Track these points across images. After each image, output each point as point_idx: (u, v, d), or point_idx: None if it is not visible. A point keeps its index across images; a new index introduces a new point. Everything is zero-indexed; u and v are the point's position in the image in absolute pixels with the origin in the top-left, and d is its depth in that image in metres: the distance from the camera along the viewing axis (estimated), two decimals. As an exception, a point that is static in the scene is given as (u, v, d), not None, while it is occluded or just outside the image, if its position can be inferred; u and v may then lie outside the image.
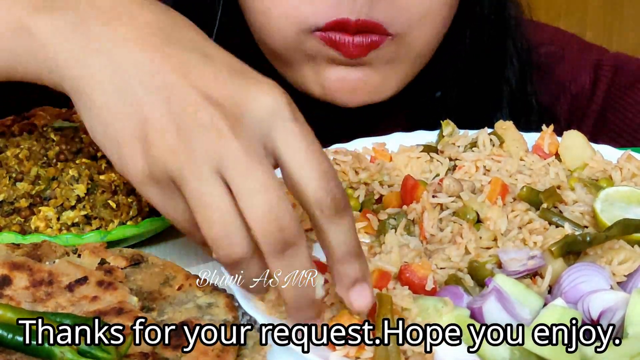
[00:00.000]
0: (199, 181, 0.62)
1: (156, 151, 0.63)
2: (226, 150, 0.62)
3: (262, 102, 0.64)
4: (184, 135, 0.63)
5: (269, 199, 0.61)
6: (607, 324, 0.69)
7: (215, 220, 0.62)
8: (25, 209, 0.83)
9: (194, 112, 0.63)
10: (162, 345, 0.66)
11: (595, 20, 2.52)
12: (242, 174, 0.61)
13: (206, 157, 0.62)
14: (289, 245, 0.62)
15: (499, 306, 0.69)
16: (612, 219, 0.79)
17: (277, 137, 0.63)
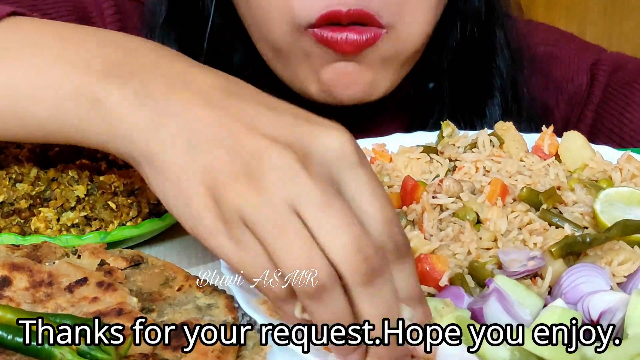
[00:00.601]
0: (274, 217, 0.61)
1: (227, 195, 0.62)
2: (301, 189, 0.61)
3: (330, 144, 0.63)
4: (255, 177, 0.62)
5: (352, 232, 0.60)
6: (607, 324, 0.69)
7: (297, 246, 0.60)
8: (25, 210, 0.83)
9: (263, 155, 0.62)
10: (162, 346, 0.66)
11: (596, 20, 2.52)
12: (321, 210, 0.60)
13: (281, 196, 0.61)
14: (375, 274, 0.60)
15: (499, 307, 0.69)
16: (612, 220, 0.79)
17: (344, 180, 0.63)
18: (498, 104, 1.16)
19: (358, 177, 0.63)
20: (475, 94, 1.17)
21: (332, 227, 0.60)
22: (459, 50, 1.16)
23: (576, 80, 1.25)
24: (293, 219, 0.61)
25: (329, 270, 0.60)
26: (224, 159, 0.64)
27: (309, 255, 0.60)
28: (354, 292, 0.61)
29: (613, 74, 1.24)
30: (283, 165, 0.62)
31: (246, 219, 0.62)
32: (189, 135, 0.66)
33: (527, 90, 1.19)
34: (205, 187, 0.64)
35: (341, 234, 0.60)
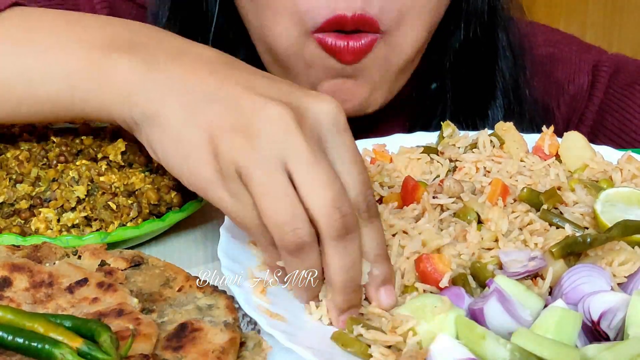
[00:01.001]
0: (265, 173, 0.67)
1: (224, 149, 0.68)
2: (292, 145, 0.67)
3: (323, 108, 0.70)
4: (251, 132, 0.68)
5: (333, 190, 0.67)
6: (607, 325, 0.69)
7: (282, 207, 0.66)
8: (26, 210, 0.83)
9: (260, 110, 0.68)
10: (162, 346, 0.66)
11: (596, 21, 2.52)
12: (308, 167, 0.67)
13: (273, 150, 0.67)
14: (348, 231, 0.67)
15: (500, 307, 0.69)
16: (613, 220, 0.79)
17: (331, 142, 0.70)
18: (500, 105, 1.16)
19: (344, 141, 0.70)
20: (477, 95, 1.17)
21: (316, 184, 0.67)
22: (462, 52, 1.16)
23: (577, 82, 1.25)
24: (282, 177, 0.67)
25: (309, 229, 0.67)
26: (222, 115, 0.69)
27: (293, 213, 0.66)
28: (326, 245, 0.68)
29: (614, 76, 1.25)
30: (279, 121, 0.68)
31: (240, 172, 0.68)
32: (191, 96, 0.71)
33: (529, 92, 1.20)
34: (204, 141, 0.69)
35: (323, 191, 0.66)
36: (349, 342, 0.69)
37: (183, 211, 0.86)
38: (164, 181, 0.86)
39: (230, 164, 0.68)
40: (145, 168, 0.88)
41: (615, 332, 0.69)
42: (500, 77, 1.17)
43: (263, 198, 0.67)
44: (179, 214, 0.86)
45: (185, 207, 0.86)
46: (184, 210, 0.86)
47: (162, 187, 0.86)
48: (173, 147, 0.72)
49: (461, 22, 1.14)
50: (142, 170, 0.87)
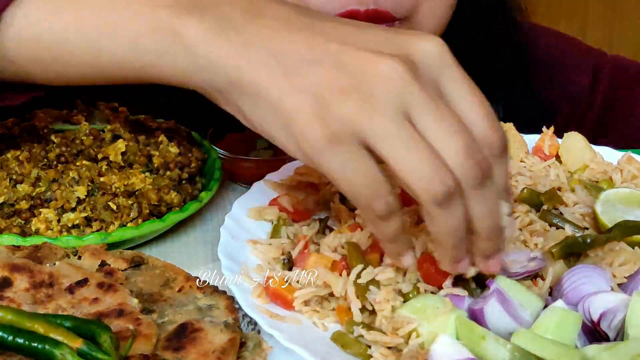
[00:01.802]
0: (395, 129, 0.63)
1: (337, 112, 0.63)
2: (413, 97, 0.63)
3: (429, 48, 0.66)
4: (365, 89, 0.64)
5: (464, 137, 0.64)
6: (607, 325, 0.69)
7: (424, 159, 0.63)
8: (26, 210, 0.83)
9: (370, 68, 0.64)
10: (163, 347, 0.66)
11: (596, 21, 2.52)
12: (435, 118, 0.63)
13: (395, 107, 0.63)
14: (486, 177, 0.64)
15: (500, 307, 0.69)
16: (613, 221, 0.79)
17: (445, 82, 0.66)
18: (502, 106, 1.16)
19: (457, 76, 0.67)
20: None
21: (446, 135, 0.63)
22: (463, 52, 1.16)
23: (578, 83, 1.25)
24: (413, 130, 0.63)
25: (453, 176, 0.63)
26: (329, 77, 0.64)
27: (436, 163, 0.63)
28: (469, 194, 0.64)
29: (615, 78, 1.25)
30: (394, 76, 0.64)
31: (361, 134, 0.63)
32: (283, 59, 0.66)
33: (529, 93, 1.19)
34: (309, 105, 0.64)
35: (454, 140, 0.63)
36: (349, 343, 0.69)
37: (183, 211, 0.86)
38: (164, 182, 0.86)
39: (346, 127, 0.63)
40: (145, 168, 0.88)
41: (615, 332, 0.69)
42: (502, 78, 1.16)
43: (398, 151, 0.63)
44: (179, 215, 0.86)
45: (186, 208, 0.86)
46: (184, 211, 0.86)
47: (162, 188, 0.86)
48: (272, 115, 0.66)
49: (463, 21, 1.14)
50: (143, 170, 0.87)
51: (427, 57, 0.66)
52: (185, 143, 0.93)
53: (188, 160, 0.90)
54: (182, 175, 0.89)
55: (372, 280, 0.72)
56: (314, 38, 0.67)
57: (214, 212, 0.93)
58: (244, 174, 0.97)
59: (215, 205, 0.94)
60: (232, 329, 0.68)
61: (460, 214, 0.65)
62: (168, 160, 0.88)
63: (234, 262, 0.77)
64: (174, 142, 0.91)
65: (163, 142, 0.90)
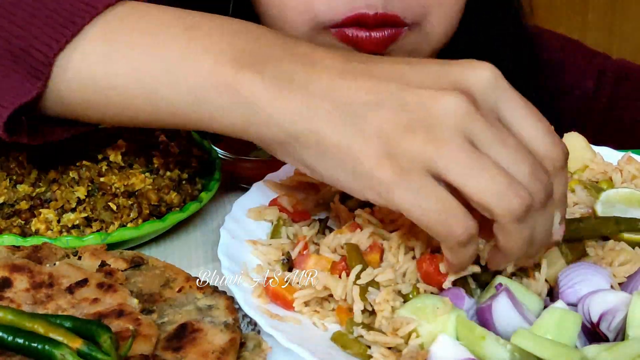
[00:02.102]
0: (464, 155, 0.64)
1: (406, 147, 0.65)
2: (477, 128, 0.65)
3: (483, 76, 0.68)
4: (430, 124, 0.65)
5: (530, 160, 0.66)
6: (607, 326, 0.69)
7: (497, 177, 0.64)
8: (26, 211, 0.83)
9: (431, 104, 0.65)
10: (162, 347, 0.66)
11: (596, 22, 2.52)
12: (498, 145, 0.65)
13: (461, 137, 0.64)
14: (549, 197, 0.67)
15: (509, 304, 0.69)
16: (613, 221, 0.79)
17: (503, 106, 0.68)
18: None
19: (513, 97, 0.69)
20: None
21: (512, 160, 0.65)
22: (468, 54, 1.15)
23: (582, 87, 1.25)
24: (479, 153, 0.65)
25: (527, 192, 0.65)
26: (392, 117, 0.66)
27: (509, 179, 0.64)
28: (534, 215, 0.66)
29: (618, 81, 1.25)
30: (458, 111, 0.65)
31: (431, 164, 0.65)
32: (346, 107, 0.67)
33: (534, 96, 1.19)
34: (376, 146, 0.66)
35: (521, 164, 0.65)
36: (349, 343, 0.69)
37: (183, 212, 0.86)
38: (164, 182, 0.86)
39: (414, 160, 0.64)
40: (145, 169, 0.88)
41: (615, 333, 0.69)
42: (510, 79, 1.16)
43: (472, 177, 0.64)
44: (179, 215, 0.86)
45: (186, 208, 0.86)
46: (184, 211, 0.86)
47: (162, 188, 0.86)
48: (338, 162, 0.67)
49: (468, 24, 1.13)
50: (143, 171, 0.87)
51: (484, 86, 0.67)
52: (185, 143, 0.93)
53: (188, 161, 0.90)
54: (182, 176, 0.89)
55: (372, 281, 0.72)
56: (372, 81, 0.68)
57: (214, 213, 0.93)
58: (244, 174, 0.97)
59: (215, 205, 0.94)
60: (232, 329, 0.68)
61: (532, 227, 0.67)
62: (168, 161, 0.88)
63: (234, 263, 0.77)
64: (174, 142, 0.91)
65: (163, 142, 0.90)
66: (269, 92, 0.69)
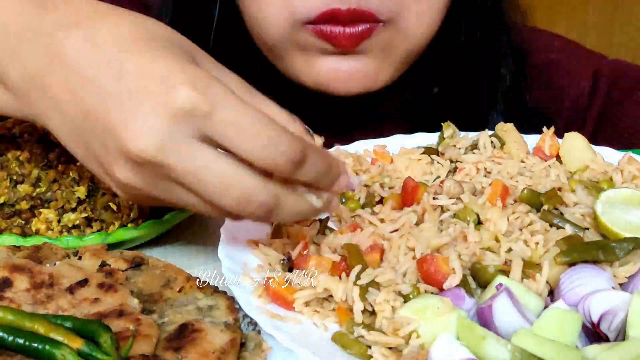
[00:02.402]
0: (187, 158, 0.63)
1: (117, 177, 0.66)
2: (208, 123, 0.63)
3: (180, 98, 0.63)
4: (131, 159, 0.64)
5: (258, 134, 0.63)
6: (607, 327, 0.69)
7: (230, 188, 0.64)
8: (26, 211, 0.83)
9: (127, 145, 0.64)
10: (163, 347, 0.66)
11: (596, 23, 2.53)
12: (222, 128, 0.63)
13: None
14: (302, 161, 0.65)
15: (510, 304, 0.69)
16: (613, 221, 0.79)
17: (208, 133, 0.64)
18: (500, 111, 1.16)
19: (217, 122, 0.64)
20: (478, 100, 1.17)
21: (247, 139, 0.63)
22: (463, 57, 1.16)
23: (578, 88, 1.25)
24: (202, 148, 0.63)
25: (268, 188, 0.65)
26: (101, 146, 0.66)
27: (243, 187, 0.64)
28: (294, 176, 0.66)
29: (615, 81, 1.25)
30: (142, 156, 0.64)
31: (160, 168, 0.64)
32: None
33: (529, 97, 1.20)
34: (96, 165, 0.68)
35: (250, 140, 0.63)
36: (349, 343, 0.69)
37: (183, 212, 0.86)
38: (164, 182, 0.86)
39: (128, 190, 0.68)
40: (145, 169, 0.88)
41: (616, 333, 0.69)
42: (501, 82, 1.17)
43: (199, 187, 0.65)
44: (179, 215, 0.86)
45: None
46: (185, 211, 0.86)
47: (162, 188, 0.86)
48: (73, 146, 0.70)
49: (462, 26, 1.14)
50: (143, 171, 0.87)
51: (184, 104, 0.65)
52: (186, 143, 0.93)
53: (188, 161, 0.90)
54: (183, 176, 0.89)
55: (372, 282, 0.72)
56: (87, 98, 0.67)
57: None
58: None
59: (215, 205, 0.94)
60: (233, 329, 0.68)
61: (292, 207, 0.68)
62: (168, 161, 0.88)
63: (235, 263, 0.77)
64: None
65: (163, 142, 0.90)
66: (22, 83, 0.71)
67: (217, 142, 0.64)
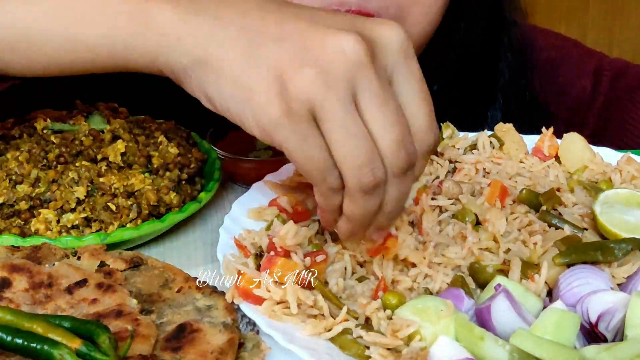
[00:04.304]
0: (344, 113, 0.66)
1: (296, 86, 0.66)
2: (365, 81, 0.66)
3: (391, 35, 0.68)
4: (323, 64, 0.66)
5: (401, 129, 0.67)
6: (605, 327, 0.69)
7: (362, 148, 0.66)
8: (25, 211, 0.83)
9: (330, 41, 0.66)
10: (161, 347, 0.66)
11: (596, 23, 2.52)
12: (378, 103, 0.66)
13: (347, 86, 0.66)
14: (410, 168, 0.68)
15: (507, 304, 0.69)
16: (612, 221, 0.79)
17: (400, 70, 0.68)
18: (500, 107, 1.16)
19: (412, 70, 0.69)
20: (477, 96, 1.17)
21: (385, 123, 0.66)
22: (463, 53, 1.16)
23: (579, 86, 1.25)
24: (357, 116, 0.66)
25: (383, 167, 0.67)
26: (291, 51, 0.67)
27: (372, 154, 0.66)
28: (389, 180, 0.68)
29: (615, 80, 1.25)
30: (350, 53, 0.66)
31: (315, 111, 0.66)
32: (250, 36, 0.68)
33: (529, 94, 1.20)
34: (269, 80, 0.66)
35: (392, 129, 0.66)
36: (347, 344, 0.69)
37: (182, 212, 0.86)
38: (163, 182, 0.86)
39: (302, 102, 0.65)
40: (144, 169, 0.88)
41: (614, 333, 0.69)
42: (501, 79, 1.17)
43: (344, 140, 0.66)
44: (178, 215, 0.86)
45: (185, 208, 0.86)
46: (183, 211, 0.86)
47: (161, 188, 0.86)
48: (233, 90, 0.68)
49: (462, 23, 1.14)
50: (142, 171, 0.87)
51: (388, 43, 0.68)
52: (185, 143, 0.93)
53: (187, 161, 0.90)
54: (182, 176, 0.89)
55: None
56: (284, 17, 0.69)
57: (214, 213, 0.93)
58: (244, 174, 0.97)
59: (214, 205, 0.94)
60: (231, 329, 0.68)
61: (380, 200, 0.69)
62: (167, 161, 0.88)
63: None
64: (174, 143, 0.91)
65: (163, 142, 0.91)
66: (179, 18, 0.70)
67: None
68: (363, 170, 0.66)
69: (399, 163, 0.67)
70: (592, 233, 0.80)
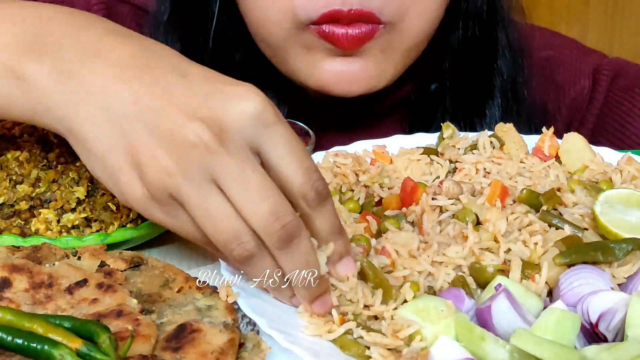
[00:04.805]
0: (199, 195, 0.66)
1: (152, 174, 0.67)
2: (217, 164, 0.66)
3: (244, 108, 0.67)
4: (174, 154, 0.66)
5: (268, 202, 0.66)
6: (605, 327, 0.69)
7: (223, 226, 0.66)
8: (26, 211, 0.83)
9: (179, 132, 0.67)
10: (162, 347, 0.66)
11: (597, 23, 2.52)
12: (238, 184, 0.66)
13: (200, 172, 0.66)
14: (292, 237, 0.67)
15: (508, 305, 0.69)
16: (612, 222, 0.79)
17: (262, 140, 0.68)
18: (498, 105, 1.16)
19: (274, 134, 0.68)
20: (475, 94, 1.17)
21: (251, 200, 0.66)
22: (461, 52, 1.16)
23: (578, 85, 1.25)
24: (216, 196, 0.67)
25: (254, 240, 0.67)
26: (143, 137, 0.67)
27: (235, 230, 0.66)
28: (274, 254, 0.68)
29: (614, 80, 1.25)
30: (199, 141, 0.66)
31: (172, 194, 0.67)
32: (109, 113, 0.69)
33: (527, 92, 1.20)
34: (130, 164, 0.68)
35: (259, 204, 0.66)
36: (348, 344, 0.69)
37: (183, 212, 0.86)
38: (163, 182, 0.86)
39: (160, 188, 0.67)
40: (145, 169, 0.87)
41: (614, 333, 0.69)
42: (499, 77, 1.17)
43: (202, 220, 0.67)
44: (178, 215, 0.86)
45: (185, 208, 0.86)
46: (184, 211, 0.86)
47: (161, 188, 0.86)
48: (101, 168, 0.70)
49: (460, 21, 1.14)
50: (142, 171, 0.87)
51: (242, 117, 0.67)
52: (185, 144, 0.93)
53: (188, 161, 0.90)
54: (182, 176, 0.89)
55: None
56: (138, 89, 0.69)
57: (214, 213, 0.93)
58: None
59: (215, 205, 0.94)
60: (231, 329, 0.68)
61: (263, 268, 0.69)
62: (168, 161, 0.88)
63: (233, 263, 0.76)
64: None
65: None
66: (47, 82, 0.72)
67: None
68: (231, 245, 0.67)
69: (276, 235, 0.66)
70: (593, 233, 0.80)
